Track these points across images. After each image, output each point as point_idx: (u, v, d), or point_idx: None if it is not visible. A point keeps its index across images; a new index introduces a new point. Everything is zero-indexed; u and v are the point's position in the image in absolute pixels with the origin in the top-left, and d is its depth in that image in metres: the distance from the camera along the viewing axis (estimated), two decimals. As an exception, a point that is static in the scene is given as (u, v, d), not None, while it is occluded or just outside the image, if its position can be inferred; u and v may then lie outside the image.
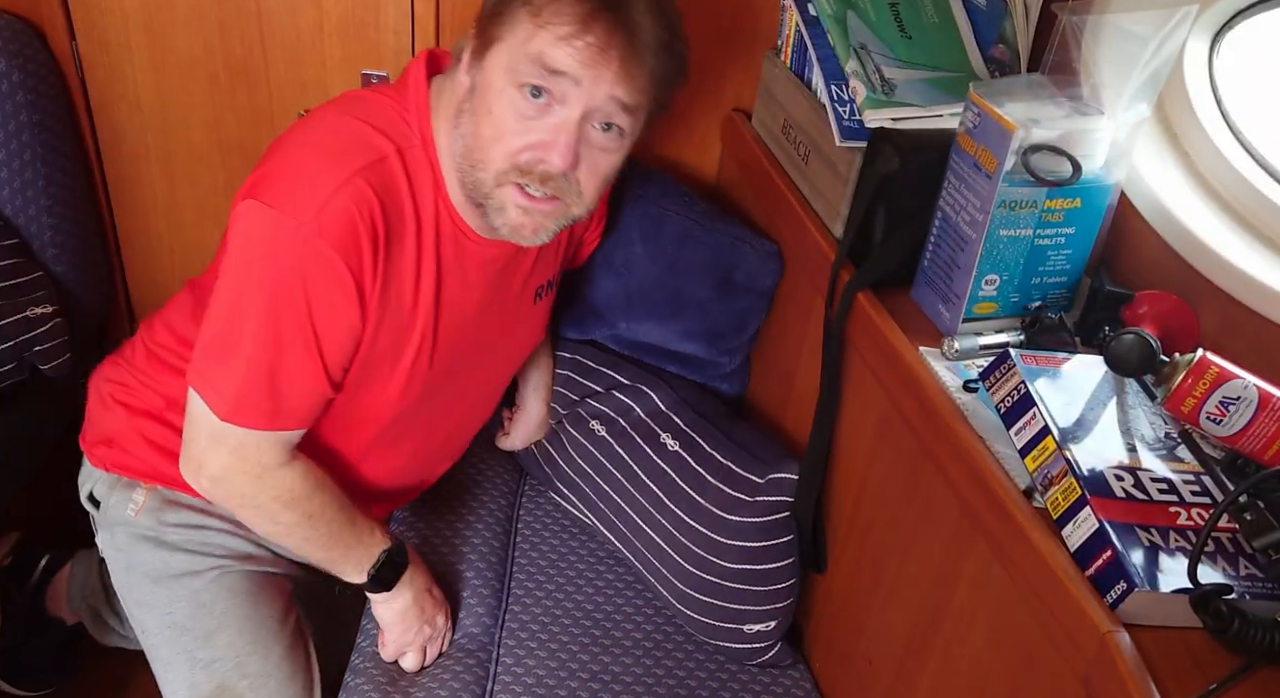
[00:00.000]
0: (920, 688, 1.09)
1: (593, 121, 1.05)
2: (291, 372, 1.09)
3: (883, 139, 1.17)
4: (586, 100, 1.03)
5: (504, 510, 1.52)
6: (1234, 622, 0.77)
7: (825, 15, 1.28)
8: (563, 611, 1.37)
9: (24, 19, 1.43)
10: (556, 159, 1.04)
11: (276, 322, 1.06)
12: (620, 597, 1.41)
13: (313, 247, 1.03)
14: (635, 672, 1.30)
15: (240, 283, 1.07)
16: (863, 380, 1.20)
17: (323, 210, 1.03)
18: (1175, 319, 1.04)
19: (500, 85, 1.04)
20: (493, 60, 1.04)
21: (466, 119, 1.07)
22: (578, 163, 1.06)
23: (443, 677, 1.25)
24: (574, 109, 1.03)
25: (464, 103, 1.08)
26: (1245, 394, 0.90)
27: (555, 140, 1.03)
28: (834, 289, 1.21)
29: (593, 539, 1.50)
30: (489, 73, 1.05)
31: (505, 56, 1.03)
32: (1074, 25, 1.06)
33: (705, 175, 1.67)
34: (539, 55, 1.01)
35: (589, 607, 1.39)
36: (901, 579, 1.13)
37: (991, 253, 1.07)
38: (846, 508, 1.26)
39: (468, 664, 1.28)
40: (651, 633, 1.37)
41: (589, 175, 1.08)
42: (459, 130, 1.09)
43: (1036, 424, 0.93)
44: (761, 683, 1.32)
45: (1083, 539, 0.84)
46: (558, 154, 1.04)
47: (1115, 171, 1.08)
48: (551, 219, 1.10)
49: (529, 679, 1.27)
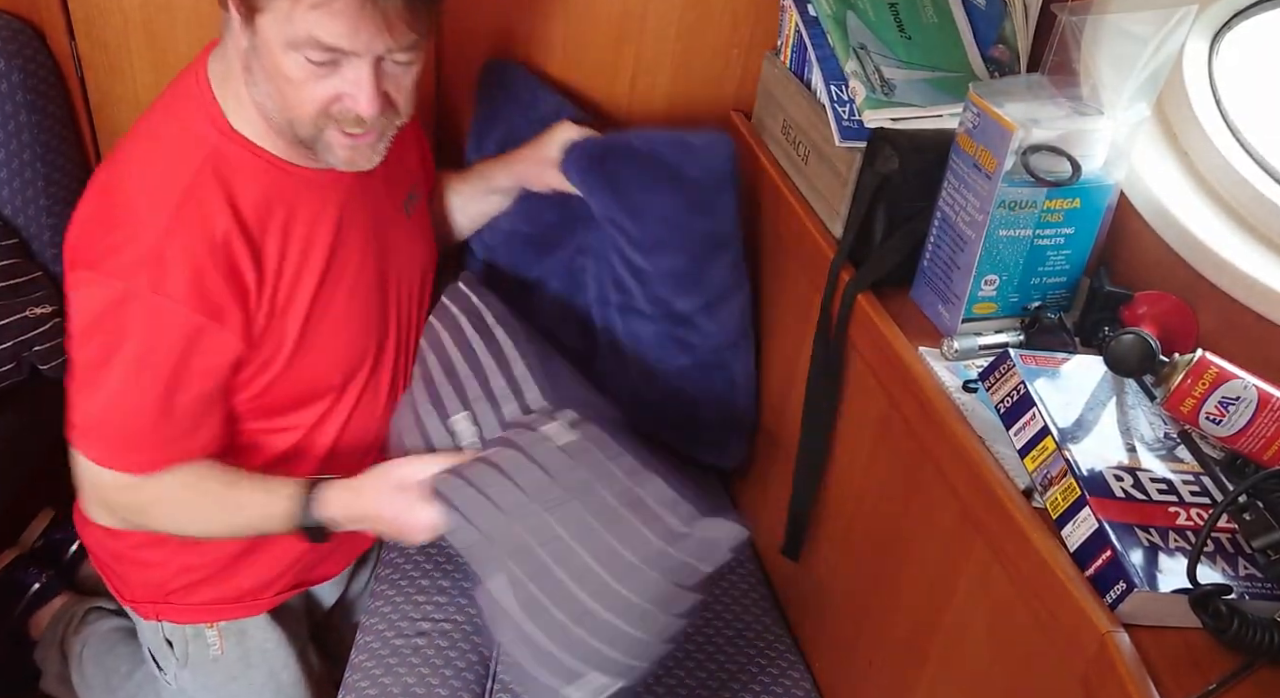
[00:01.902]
0: (920, 688, 1.09)
1: (385, 61, 1.05)
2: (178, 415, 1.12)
3: (882, 139, 1.17)
4: (367, 54, 1.02)
5: None
6: (1233, 622, 0.77)
7: (825, 15, 1.28)
8: None
9: (24, 19, 1.43)
10: (364, 108, 1.05)
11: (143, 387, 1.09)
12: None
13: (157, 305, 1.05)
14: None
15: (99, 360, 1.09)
16: (862, 380, 1.20)
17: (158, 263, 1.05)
18: (1174, 319, 1.04)
19: (282, 51, 1.02)
20: (263, 28, 1.01)
21: (260, 77, 1.06)
22: (387, 99, 1.07)
23: (444, 673, 1.25)
24: (362, 63, 1.03)
25: (250, 60, 1.06)
26: (1244, 394, 0.90)
27: (356, 92, 1.04)
28: (833, 289, 1.21)
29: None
30: (266, 39, 1.02)
31: (273, 28, 1.01)
32: (1073, 25, 1.06)
33: (705, 175, 1.67)
34: (305, 31, 0.99)
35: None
36: (901, 579, 1.13)
37: (991, 253, 1.07)
38: (846, 508, 1.26)
39: (470, 662, 1.27)
40: None
41: (399, 94, 1.08)
42: (257, 86, 1.07)
43: (1036, 424, 0.93)
44: (762, 683, 1.32)
45: (1082, 539, 0.84)
46: (364, 104, 1.05)
47: (1115, 172, 1.08)
48: (379, 144, 1.12)
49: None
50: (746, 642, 1.37)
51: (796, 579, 1.43)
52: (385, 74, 1.05)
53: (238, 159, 1.11)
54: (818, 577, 1.35)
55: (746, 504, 1.60)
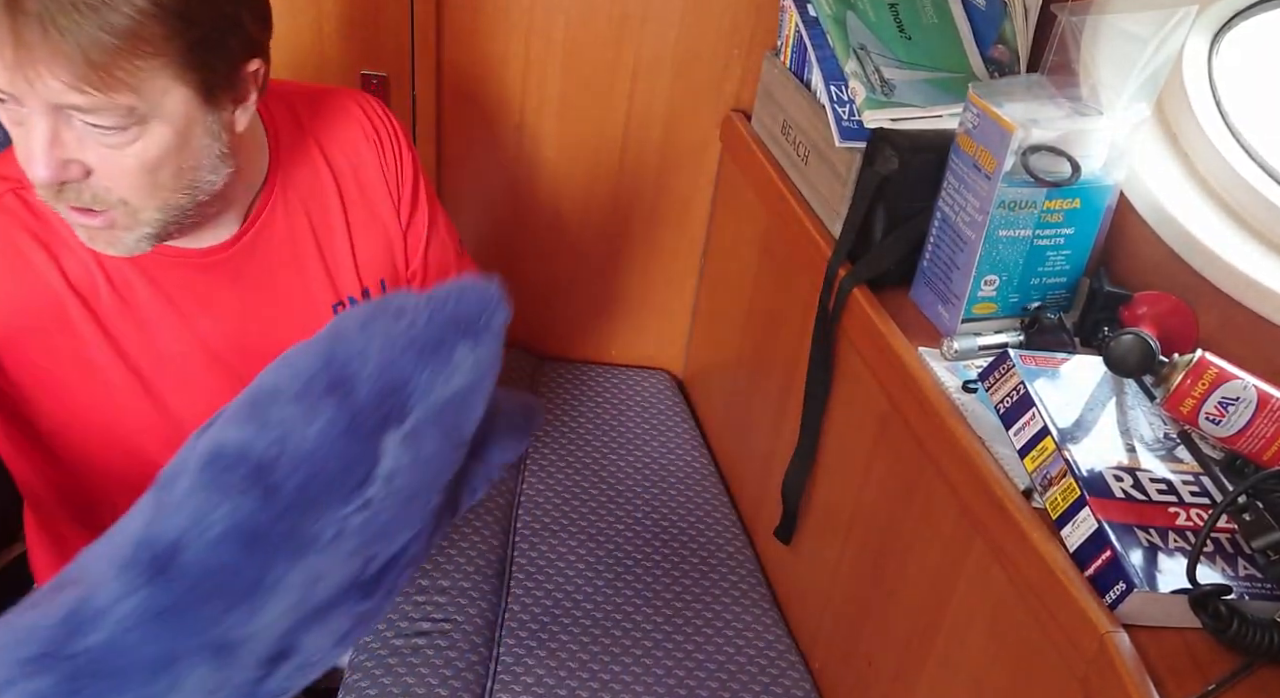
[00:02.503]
0: (920, 688, 1.09)
1: (72, 118, 0.82)
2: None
3: (882, 140, 1.17)
4: (36, 101, 0.80)
5: (502, 509, 1.52)
6: (1233, 622, 0.77)
7: (825, 16, 1.28)
8: (562, 610, 1.37)
9: (24, 19, 1.43)
10: (36, 172, 0.83)
11: None
12: (620, 596, 1.41)
13: None
14: (635, 671, 1.30)
15: None
16: (862, 381, 1.20)
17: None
18: (1174, 320, 1.04)
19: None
20: None
21: None
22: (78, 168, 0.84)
23: (444, 672, 1.25)
24: (33, 114, 0.81)
25: None
26: (1244, 395, 0.90)
27: (31, 152, 0.82)
28: (830, 285, 1.21)
29: (592, 539, 1.50)
30: None
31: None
32: (1073, 26, 1.06)
33: (705, 175, 1.67)
34: None
35: (588, 606, 1.39)
36: (901, 579, 1.13)
37: (991, 253, 1.07)
38: (846, 508, 1.26)
39: (470, 662, 1.28)
40: (651, 632, 1.37)
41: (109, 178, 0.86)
42: None
43: (1035, 425, 0.93)
44: (761, 683, 1.32)
45: (1082, 540, 0.85)
46: (35, 165, 0.83)
47: (1114, 172, 1.08)
48: (113, 231, 0.90)
49: (529, 679, 1.27)
50: (746, 642, 1.38)
51: (796, 579, 1.43)
52: (77, 136, 0.83)
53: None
54: (818, 577, 1.35)
55: (747, 504, 1.60)
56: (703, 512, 1.59)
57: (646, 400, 1.81)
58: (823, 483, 1.33)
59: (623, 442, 1.70)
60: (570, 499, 1.57)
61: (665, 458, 1.68)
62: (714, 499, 1.62)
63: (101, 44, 0.77)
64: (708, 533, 1.55)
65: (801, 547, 1.40)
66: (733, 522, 1.58)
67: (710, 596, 1.44)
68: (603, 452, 1.67)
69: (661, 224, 1.72)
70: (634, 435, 1.72)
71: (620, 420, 1.75)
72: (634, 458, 1.67)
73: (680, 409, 1.80)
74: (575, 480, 1.60)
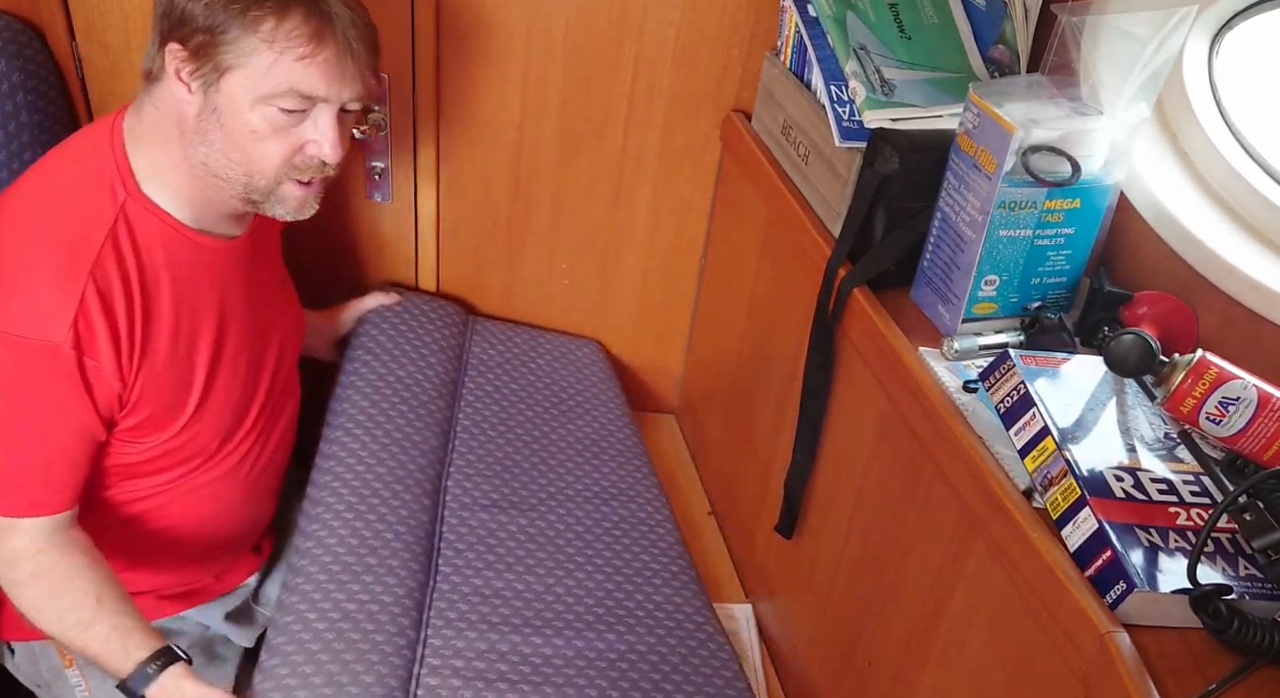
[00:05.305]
0: (920, 688, 1.09)
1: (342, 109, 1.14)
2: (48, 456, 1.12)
3: (882, 140, 1.17)
4: (335, 102, 1.12)
5: (431, 482, 1.43)
6: (1234, 622, 0.77)
7: (825, 16, 1.28)
8: (492, 590, 1.32)
9: (24, 19, 1.43)
10: (330, 155, 1.13)
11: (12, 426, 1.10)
12: (551, 577, 1.36)
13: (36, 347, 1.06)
14: (566, 654, 1.26)
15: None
16: (862, 381, 1.20)
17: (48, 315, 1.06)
18: (1174, 320, 1.04)
19: (250, 106, 1.08)
20: (232, 86, 1.07)
21: (215, 136, 1.10)
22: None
23: (369, 658, 1.17)
24: (329, 111, 1.12)
25: (199, 122, 1.10)
26: (1245, 395, 0.90)
27: (323, 139, 1.12)
28: (830, 285, 1.21)
29: (524, 515, 1.44)
30: (231, 97, 1.08)
31: (246, 83, 1.07)
32: (1073, 26, 1.06)
33: (705, 175, 1.67)
34: (287, 83, 1.07)
35: (519, 586, 1.33)
36: (901, 579, 1.13)
37: (991, 253, 1.07)
38: (846, 508, 1.26)
39: (397, 645, 1.20)
40: (583, 614, 1.32)
41: (345, 140, 1.16)
42: (209, 147, 1.11)
43: (1036, 424, 0.93)
44: (691, 665, 1.31)
45: (1082, 540, 0.85)
46: (329, 151, 1.13)
47: (1115, 172, 1.08)
48: (319, 192, 1.20)
49: (458, 662, 1.21)
50: (676, 624, 1.36)
51: (796, 579, 1.43)
52: (340, 122, 1.14)
53: (144, 222, 1.13)
54: (817, 576, 1.35)
55: (749, 502, 1.60)
56: (634, 491, 1.57)
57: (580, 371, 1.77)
58: (823, 483, 1.33)
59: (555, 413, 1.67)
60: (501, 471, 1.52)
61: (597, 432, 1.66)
62: (642, 476, 1.61)
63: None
64: (639, 514, 1.53)
65: (801, 547, 1.40)
66: (661, 502, 1.58)
67: (641, 577, 1.42)
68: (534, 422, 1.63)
69: (661, 224, 1.72)
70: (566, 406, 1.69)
71: (553, 389, 1.71)
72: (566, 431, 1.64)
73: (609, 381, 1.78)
74: (506, 452, 1.56)
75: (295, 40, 1.06)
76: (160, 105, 1.12)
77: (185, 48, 1.07)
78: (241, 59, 1.06)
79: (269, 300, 1.34)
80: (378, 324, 1.61)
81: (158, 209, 1.15)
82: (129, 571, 1.28)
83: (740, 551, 1.65)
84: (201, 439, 1.26)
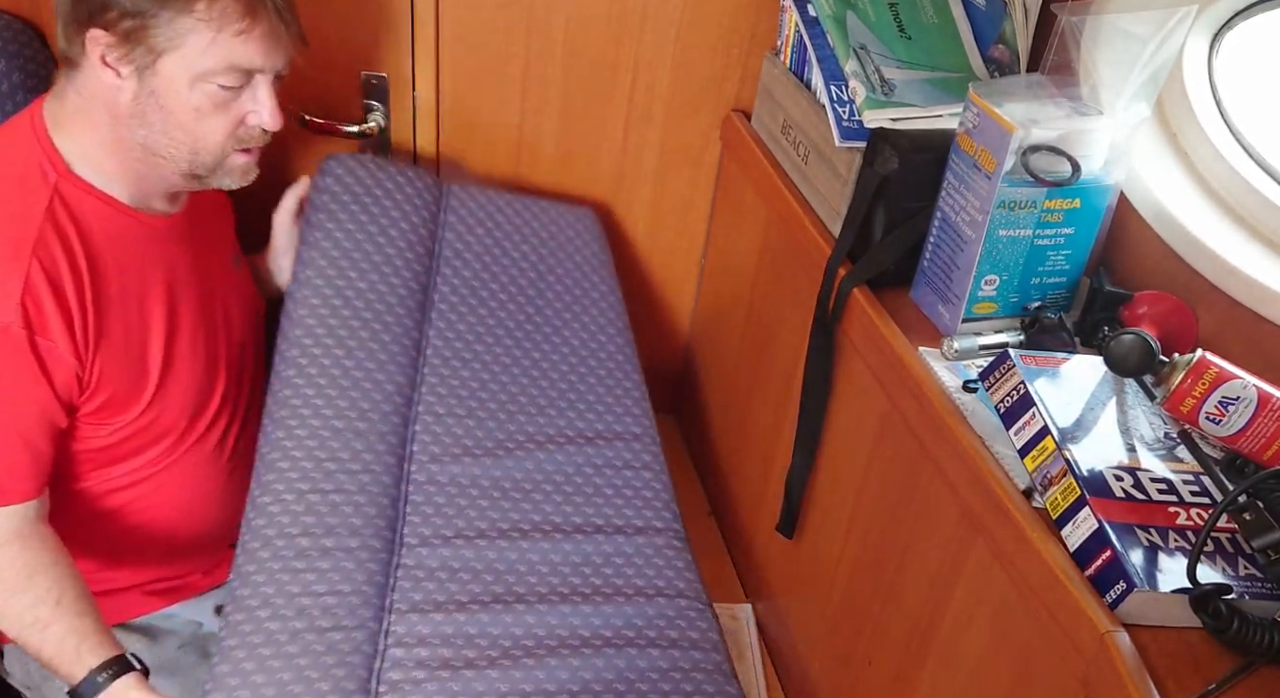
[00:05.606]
0: (920, 688, 1.09)
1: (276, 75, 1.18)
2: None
3: (882, 139, 1.17)
4: (271, 72, 1.16)
5: (396, 433, 1.28)
6: (1233, 622, 0.77)
7: (825, 15, 1.28)
8: (461, 562, 1.20)
9: (24, 19, 1.43)
10: (271, 123, 1.17)
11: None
12: (527, 541, 1.24)
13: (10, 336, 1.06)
14: (537, 633, 1.16)
15: None
16: (862, 381, 1.20)
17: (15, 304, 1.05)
18: (1174, 319, 1.04)
19: (189, 86, 1.10)
20: (169, 68, 1.09)
21: (155, 118, 1.11)
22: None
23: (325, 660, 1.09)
24: (266, 81, 1.16)
25: (135, 106, 1.11)
26: (1244, 394, 0.90)
27: (263, 109, 1.16)
28: (830, 285, 1.21)
29: (498, 465, 1.30)
30: (169, 79, 1.09)
31: (184, 64, 1.08)
32: (1073, 26, 1.06)
33: (705, 175, 1.67)
34: (226, 59, 1.10)
35: (491, 556, 1.22)
36: (901, 579, 1.13)
37: (991, 253, 1.07)
38: (846, 507, 1.26)
39: (356, 642, 1.10)
40: (557, 586, 1.21)
41: (276, 117, 1.18)
42: (149, 129, 1.12)
43: (1036, 424, 0.93)
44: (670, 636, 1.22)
45: (1082, 539, 0.85)
46: (269, 120, 1.17)
47: (1115, 172, 1.08)
48: (256, 164, 1.23)
49: (423, 651, 1.11)
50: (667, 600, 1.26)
51: (796, 578, 1.43)
52: (275, 90, 1.18)
53: (80, 202, 1.13)
54: (817, 576, 1.35)
55: (749, 503, 1.60)
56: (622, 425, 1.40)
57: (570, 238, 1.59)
58: (823, 483, 1.33)
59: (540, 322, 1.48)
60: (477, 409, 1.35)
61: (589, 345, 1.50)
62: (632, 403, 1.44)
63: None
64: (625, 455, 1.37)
65: (801, 547, 1.40)
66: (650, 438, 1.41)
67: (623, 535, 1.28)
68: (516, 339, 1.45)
69: (661, 224, 1.72)
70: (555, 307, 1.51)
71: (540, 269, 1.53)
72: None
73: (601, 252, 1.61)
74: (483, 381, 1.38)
75: (230, 17, 1.07)
76: (84, 91, 1.11)
77: (111, 33, 1.06)
78: (176, 40, 1.07)
79: (219, 278, 1.33)
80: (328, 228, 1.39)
81: (93, 189, 1.14)
82: (113, 567, 1.28)
83: (740, 551, 1.65)
84: (167, 419, 1.24)
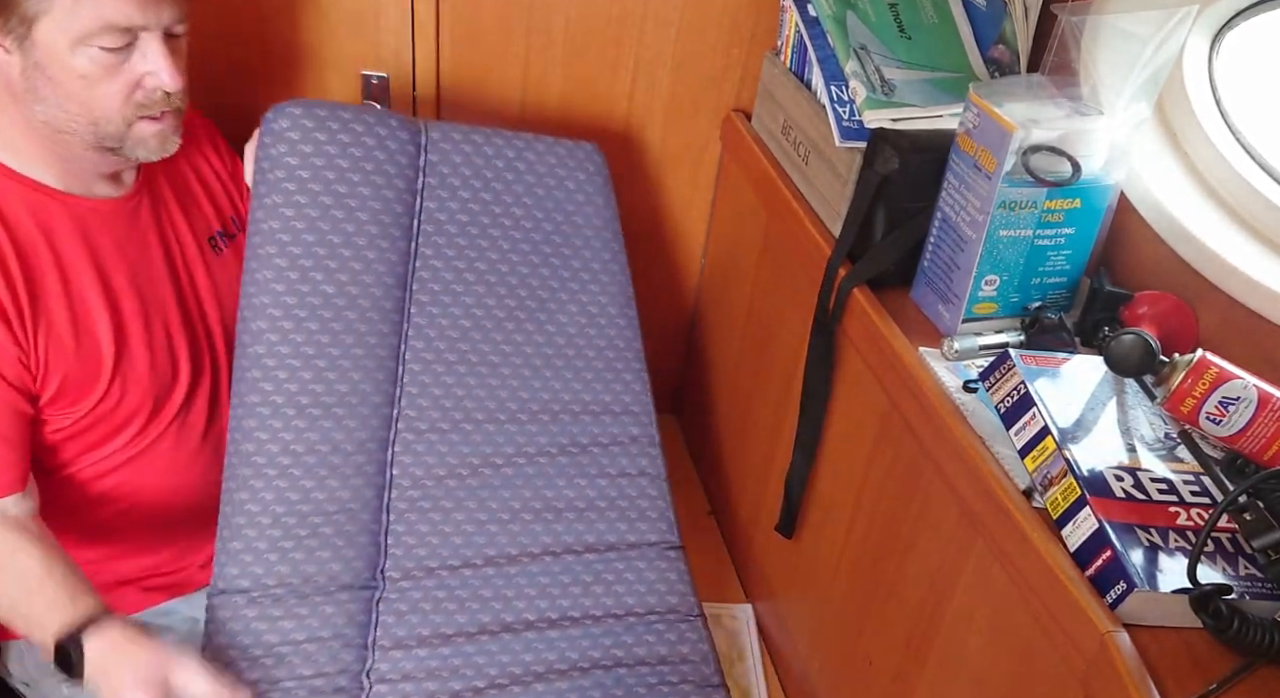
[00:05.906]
0: (920, 688, 1.09)
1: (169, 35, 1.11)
2: None
3: (882, 140, 1.17)
4: (157, 28, 1.08)
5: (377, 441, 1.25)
6: (1234, 622, 0.77)
7: (825, 16, 1.28)
8: (447, 592, 1.19)
9: (24, 19, 1.43)
10: (169, 82, 1.10)
11: None
12: (514, 565, 1.22)
13: None
14: (525, 659, 1.16)
15: None
16: (862, 381, 1.20)
17: None
18: (1174, 319, 1.04)
19: (70, 51, 1.05)
20: (45, 34, 1.04)
21: (46, 91, 1.07)
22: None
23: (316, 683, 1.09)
24: (154, 38, 1.08)
25: (26, 80, 1.07)
26: (1245, 394, 0.90)
27: (157, 68, 1.09)
28: (830, 285, 1.21)
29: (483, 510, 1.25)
30: (48, 46, 1.04)
31: (58, 28, 1.03)
32: (1074, 26, 1.06)
33: (705, 175, 1.67)
34: (99, 18, 1.03)
35: (476, 583, 1.20)
36: (901, 579, 1.13)
37: (991, 253, 1.07)
38: (846, 508, 1.26)
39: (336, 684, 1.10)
40: (545, 611, 1.21)
41: (181, 68, 1.13)
42: (44, 103, 1.08)
43: (1036, 424, 0.93)
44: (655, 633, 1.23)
45: (1082, 539, 0.85)
46: (168, 79, 1.10)
47: (1115, 172, 1.08)
48: (178, 125, 1.17)
49: (407, 687, 1.12)
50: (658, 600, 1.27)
51: (796, 578, 1.43)
52: (171, 49, 1.10)
53: (2, 189, 1.10)
54: (817, 576, 1.35)
55: (749, 502, 1.60)
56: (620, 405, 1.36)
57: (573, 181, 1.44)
58: (823, 483, 1.33)
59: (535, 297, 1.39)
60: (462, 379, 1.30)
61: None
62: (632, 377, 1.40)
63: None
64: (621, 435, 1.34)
65: (801, 546, 1.40)
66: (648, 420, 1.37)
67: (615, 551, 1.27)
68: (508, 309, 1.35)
69: (661, 224, 1.73)
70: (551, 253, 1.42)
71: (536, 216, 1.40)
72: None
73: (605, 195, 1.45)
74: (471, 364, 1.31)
75: None
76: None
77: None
78: (44, 4, 1.02)
79: (186, 260, 1.28)
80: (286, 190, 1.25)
81: (13, 173, 1.12)
82: (110, 559, 1.27)
83: (740, 551, 1.65)
84: (132, 402, 1.21)
